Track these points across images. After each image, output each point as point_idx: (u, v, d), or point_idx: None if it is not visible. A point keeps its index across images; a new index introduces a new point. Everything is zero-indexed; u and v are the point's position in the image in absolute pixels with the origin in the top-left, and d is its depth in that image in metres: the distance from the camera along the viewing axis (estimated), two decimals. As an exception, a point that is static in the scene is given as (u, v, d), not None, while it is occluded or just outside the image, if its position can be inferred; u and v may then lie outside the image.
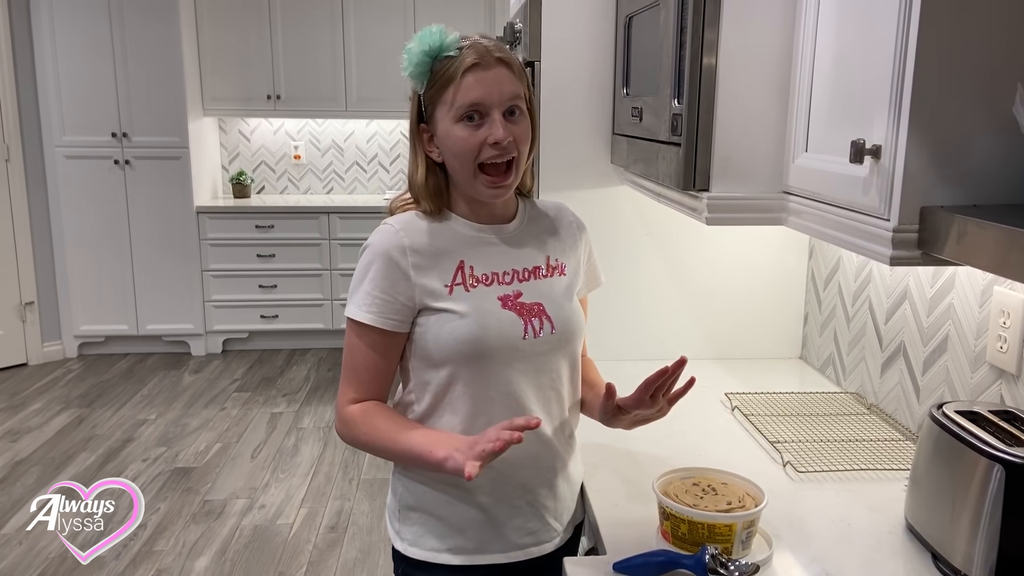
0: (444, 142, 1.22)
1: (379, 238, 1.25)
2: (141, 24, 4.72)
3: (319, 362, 5.05)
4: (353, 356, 1.27)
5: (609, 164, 1.98)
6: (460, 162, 1.22)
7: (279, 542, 3.02)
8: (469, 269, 1.25)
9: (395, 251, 1.22)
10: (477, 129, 1.19)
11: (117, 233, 4.93)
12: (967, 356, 1.44)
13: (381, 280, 1.22)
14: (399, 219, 1.27)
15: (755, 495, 1.21)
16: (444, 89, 1.20)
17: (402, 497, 1.32)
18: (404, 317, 1.24)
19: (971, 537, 1.07)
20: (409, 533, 1.31)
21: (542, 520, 1.31)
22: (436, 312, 1.23)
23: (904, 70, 0.99)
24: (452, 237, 1.26)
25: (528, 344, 1.25)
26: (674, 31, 1.42)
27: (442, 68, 1.20)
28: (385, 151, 5.56)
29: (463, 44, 1.21)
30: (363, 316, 1.23)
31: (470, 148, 1.20)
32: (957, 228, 0.93)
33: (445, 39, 1.21)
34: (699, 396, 1.83)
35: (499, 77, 1.20)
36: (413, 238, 1.24)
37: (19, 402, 4.34)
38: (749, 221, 1.40)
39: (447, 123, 1.21)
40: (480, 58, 1.19)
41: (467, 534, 1.28)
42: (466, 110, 1.19)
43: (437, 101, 1.21)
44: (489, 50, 1.21)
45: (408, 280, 1.22)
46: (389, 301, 1.22)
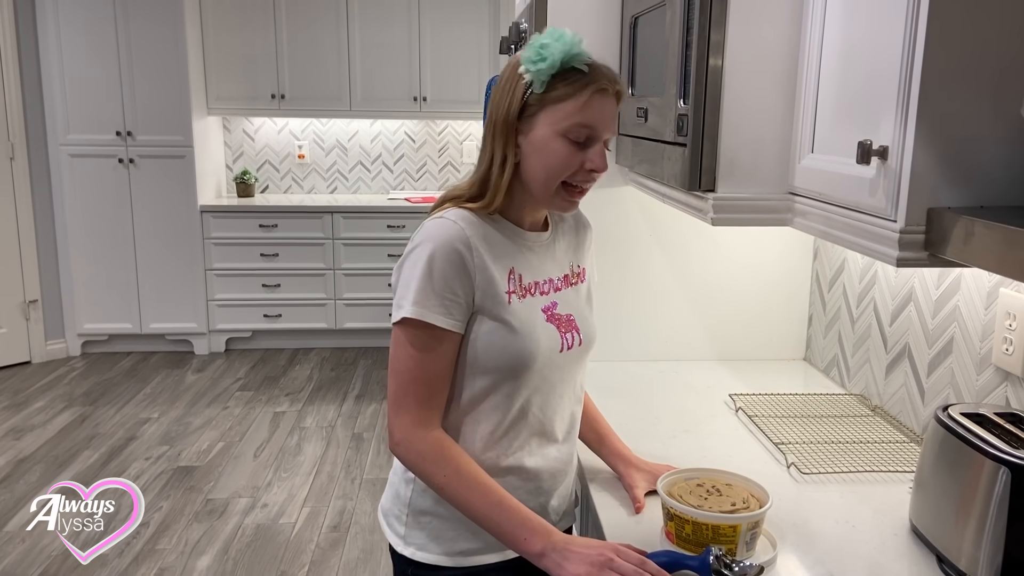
0: (539, 149, 1.18)
1: (439, 231, 1.16)
2: (146, 23, 4.73)
3: (322, 361, 5.05)
4: (420, 365, 1.16)
5: (614, 164, 1.98)
6: (549, 174, 1.18)
7: (281, 541, 3.02)
8: (519, 277, 1.22)
9: (461, 245, 1.16)
10: (579, 150, 1.17)
11: (121, 232, 4.94)
12: (972, 358, 1.44)
13: (450, 277, 1.15)
14: (455, 213, 1.19)
15: (759, 496, 1.20)
16: (563, 100, 1.15)
17: (412, 501, 1.29)
18: (465, 317, 1.18)
19: (976, 539, 1.07)
20: (419, 537, 1.28)
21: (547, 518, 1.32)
22: (492, 320, 1.18)
23: (911, 71, 0.99)
24: (502, 240, 1.22)
25: (562, 358, 1.25)
26: (680, 31, 1.42)
27: (569, 78, 1.15)
28: (389, 151, 5.56)
29: (591, 61, 1.18)
30: (437, 319, 1.14)
31: (568, 166, 1.17)
32: (964, 229, 0.93)
33: (583, 50, 1.16)
34: (703, 397, 1.84)
35: (612, 109, 1.19)
36: (476, 237, 1.18)
37: (22, 400, 4.34)
38: (755, 222, 1.40)
39: (549, 132, 1.16)
40: (608, 85, 1.17)
41: (480, 535, 1.25)
42: (580, 132, 1.16)
43: (548, 106, 1.16)
44: (613, 80, 1.18)
45: (472, 279, 1.16)
46: (456, 300, 1.16)
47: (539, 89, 1.16)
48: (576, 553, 1.09)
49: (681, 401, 1.83)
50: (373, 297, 5.14)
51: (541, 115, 1.17)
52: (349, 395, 4.50)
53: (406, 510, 1.30)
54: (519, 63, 1.19)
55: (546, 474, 1.30)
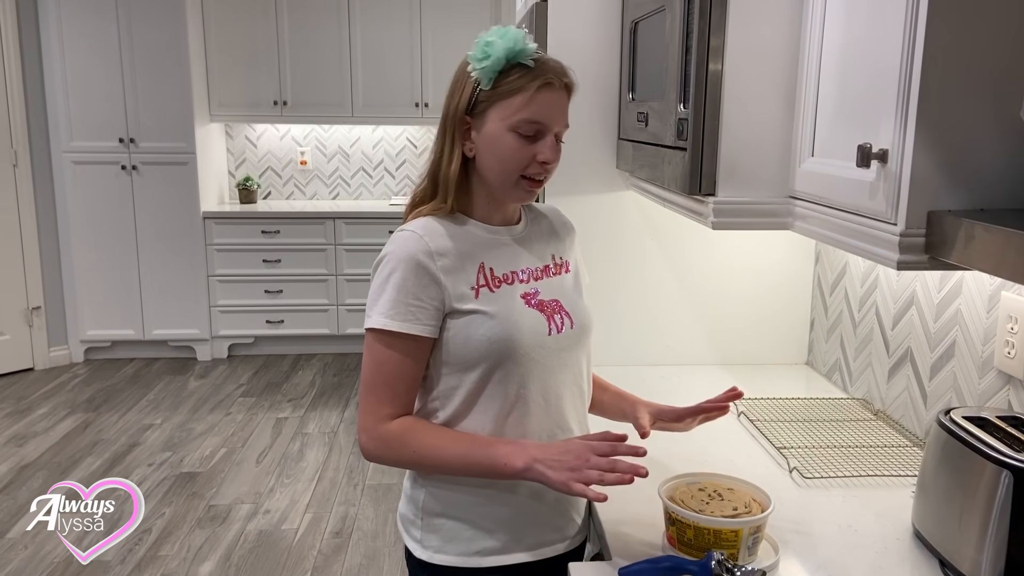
0: (491, 144, 1.22)
1: (402, 245, 1.22)
2: (148, 30, 4.75)
3: (324, 367, 5.05)
4: (383, 368, 1.22)
5: (615, 169, 1.98)
6: (503, 167, 1.22)
7: (284, 547, 3.02)
8: (489, 271, 1.25)
9: (423, 256, 1.21)
10: (530, 144, 1.21)
11: (124, 238, 4.95)
12: (974, 362, 1.43)
13: (412, 286, 1.20)
14: (418, 224, 1.25)
15: (761, 501, 1.20)
16: (511, 95, 1.19)
17: (425, 504, 1.29)
18: (436, 322, 1.22)
19: (979, 543, 1.06)
20: (435, 540, 1.29)
21: (566, 516, 1.32)
22: (465, 315, 1.22)
23: (911, 74, 0.99)
24: (470, 239, 1.26)
25: (553, 341, 1.26)
26: (680, 36, 1.43)
27: (515, 74, 1.20)
28: (391, 157, 5.57)
29: (537, 56, 1.21)
30: (395, 325, 1.20)
31: (520, 160, 1.21)
32: (965, 232, 0.93)
33: (527, 45, 1.20)
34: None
35: (562, 102, 1.23)
36: (437, 242, 1.22)
37: (25, 407, 4.35)
38: (755, 226, 1.40)
39: (500, 127, 1.21)
40: (556, 78, 1.21)
41: (496, 535, 1.27)
42: (528, 126, 1.20)
43: (496, 102, 1.20)
44: (561, 73, 1.22)
45: (438, 284, 1.21)
46: (422, 307, 1.20)
47: (486, 86, 1.21)
48: (557, 461, 1.13)
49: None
50: (375, 303, 5.14)
51: (491, 111, 1.21)
52: (351, 401, 4.50)
53: (420, 514, 1.30)
54: (468, 60, 1.23)
55: None
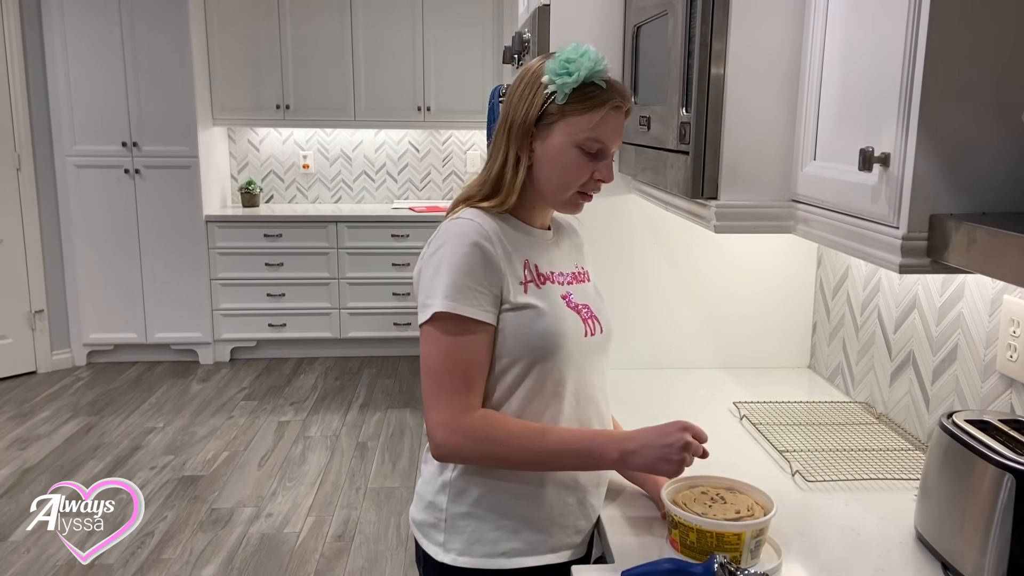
0: (553, 155, 1.24)
1: (464, 230, 1.21)
2: (151, 34, 4.76)
3: (326, 371, 5.05)
4: (455, 356, 1.18)
5: (617, 172, 1.98)
6: (562, 180, 1.25)
7: (286, 551, 3.02)
8: (535, 267, 1.27)
9: (482, 239, 1.20)
10: (591, 161, 1.24)
11: (126, 242, 4.96)
12: (977, 365, 1.43)
13: (475, 270, 1.19)
14: (471, 213, 1.25)
15: (764, 504, 1.20)
16: (582, 112, 1.22)
17: (450, 508, 1.28)
18: (496, 310, 1.21)
19: (981, 547, 1.06)
20: (459, 542, 1.27)
21: (588, 519, 1.32)
22: (517, 308, 1.22)
23: (912, 78, 1.00)
24: (516, 236, 1.28)
25: (587, 343, 1.29)
26: (682, 41, 1.43)
27: (589, 92, 1.22)
28: (393, 160, 5.58)
29: (609, 77, 1.24)
30: (462, 309, 1.17)
31: (580, 176, 1.25)
32: (967, 236, 0.93)
33: (605, 66, 1.23)
34: (707, 405, 1.84)
35: (623, 123, 1.27)
36: (493, 231, 1.23)
37: (28, 410, 4.35)
38: (757, 229, 1.40)
39: (565, 141, 1.23)
40: (623, 103, 1.25)
41: (522, 535, 1.27)
42: (594, 145, 1.23)
43: (566, 117, 1.22)
44: (627, 97, 1.26)
45: (498, 271, 1.21)
46: (483, 293, 1.19)
47: (561, 100, 1.22)
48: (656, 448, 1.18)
49: (685, 409, 1.83)
50: (378, 306, 5.15)
51: (559, 124, 1.23)
52: (354, 404, 4.50)
53: (443, 516, 1.29)
54: (542, 72, 1.23)
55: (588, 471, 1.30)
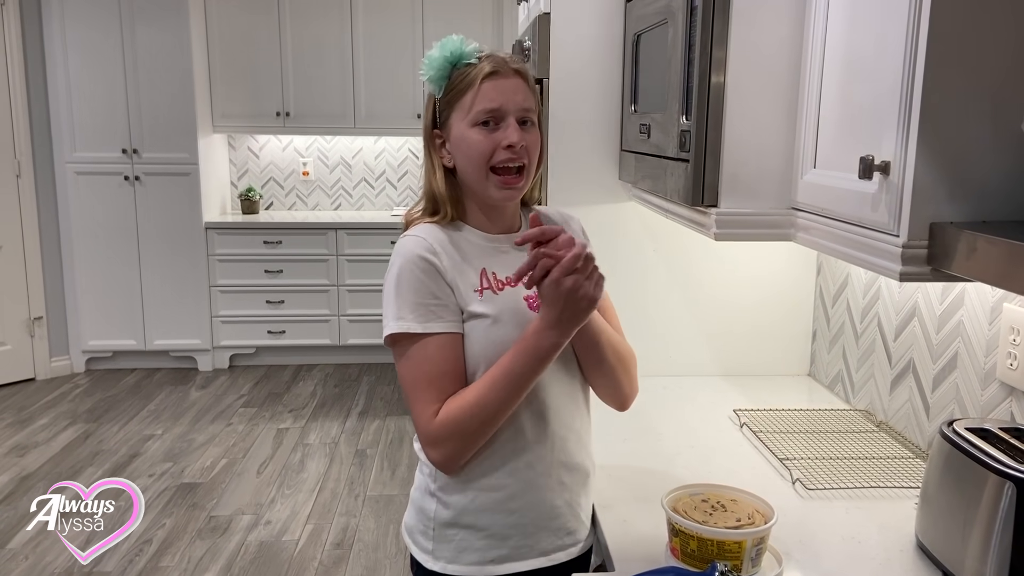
0: (458, 146, 1.25)
1: (407, 247, 1.24)
2: (152, 41, 4.77)
3: (326, 378, 5.05)
4: (421, 369, 1.21)
5: (617, 180, 1.99)
6: (473, 164, 1.24)
7: (284, 558, 3.01)
8: (492, 275, 1.26)
9: (427, 253, 1.22)
10: (492, 133, 1.23)
11: (126, 249, 4.96)
12: (977, 373, 1.43)
13: (424, 283, 1.21)
14: (418, 229, 1.27)
15: (765, 512, 1.20)
16: (462, 95, 1.24)
17: (437, 514, 1.29)
18: (457, 317, 1.23)
19: (982, 555, 1.06)
20: (447, 550, 1.28)
21: (578, 518, 1.32)
22: (472, 317, 1.23)
23: (912, 86, 1.00)
24: (470, 247, 1.28)
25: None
26: (682, 49, 1.43)
27: (461, 75, 1.24)
28: (393, 168, 5.59)
29: (481, 54, 1.26)
30: (417, 327, 1.20)
31: (485, 150, 1.23)
32: (967, 244, 0.93)
33: (465, 47, 1.25)
34: (708, 413, 1.84)
35: (515, 86, 1.25)
36: (439, 244, 1.25)
37: (26, 417, 4.34)
38: (757, 237, 1.40)
39: (462, 127, 1.24)
40: (498, 67, 1.24)
41: (509, 541, 1.26)
42: (483, 115, 1.23)
43: (454, 106, 1.25)
44: (506, 60, 1.26)
45: (445, 280, 1.22)
46: (441, 304, 1.21)
47: (438, 94, 1.27)
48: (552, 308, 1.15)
49: (685, 417, 1.83)
50: (377, 313, 5.07)
51: (452, 116, 1.26)
52: (353, 411, 4.49)
53: (432, 524, 1.30)
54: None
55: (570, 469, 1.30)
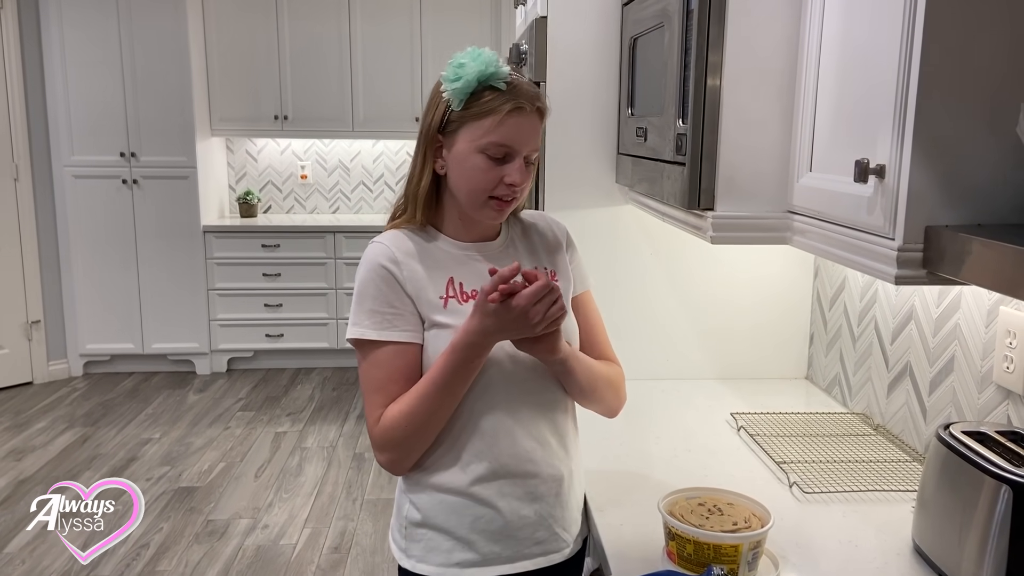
0: (459, 163, 1.23)
1: (370, 255, 1.26)
2: (150, 45, 4.77)
3: (324, 381, 5.04)
4: (372, 375, 1.24)
5: (614, 183, 1.99)
6: (471, 187, 1.24)
7: (282, 562, 3.01)
8: (459, 285, 1.27)
9: (388, 262, 1.24)
10: (498, 166, 1.22)
11: (124, 252, 4.96)
12: (973, 376, 1.43)
13: (384, 293, 1.23)
14: (386, 235, 1.29)
15: (761, 516, 1.20)
16: (482, 117, 1.20)
17: (408, 513, 1.31)
18: (414, 327, 1.24)
19: (979, 559, 1.06)
20: (417, 549, 1.30)
21: (550, 530, 1.31)
22: (435, 327, 1.23)
23: (907, 90, 1.00)
24: (439, 255, 1.28)
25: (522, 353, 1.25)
26: (678, 52, 1.44)
27: (486, 97, 1.20)
28: (391, 171, 5.59)
29: (510, 79, 1.22)
30: (372, 334, 1.22)
31: (487, 182, 1.22)
32: (962, 247, 0.93)
33: (499, 68, 1.21)
34: (705, 416, 1.84)
35: (533, 127, 1.23)
36: (403, 251, 1.26)
37: (24, 421, 4.34)
38: (754, 240, 1.40)
39: (469, 148, 1.22)
40: (526, 103, 1.21)
41: (476, 546, 1.27)
42: (496, 149, 1.21)
43: (467, 123, 1.21)
44: (533, 98, 1.23)
45: (404, 290, 1.23)
46: (397, 313, 1.23)
47: (457, 107, 1.22)
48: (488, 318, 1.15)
49: (682, 420, 1.83)
50: (375, 317, 5.14)
51: (461, 131, 1.22)
52: (351, 415, 4.49)
53: (404, 523, 1.32)
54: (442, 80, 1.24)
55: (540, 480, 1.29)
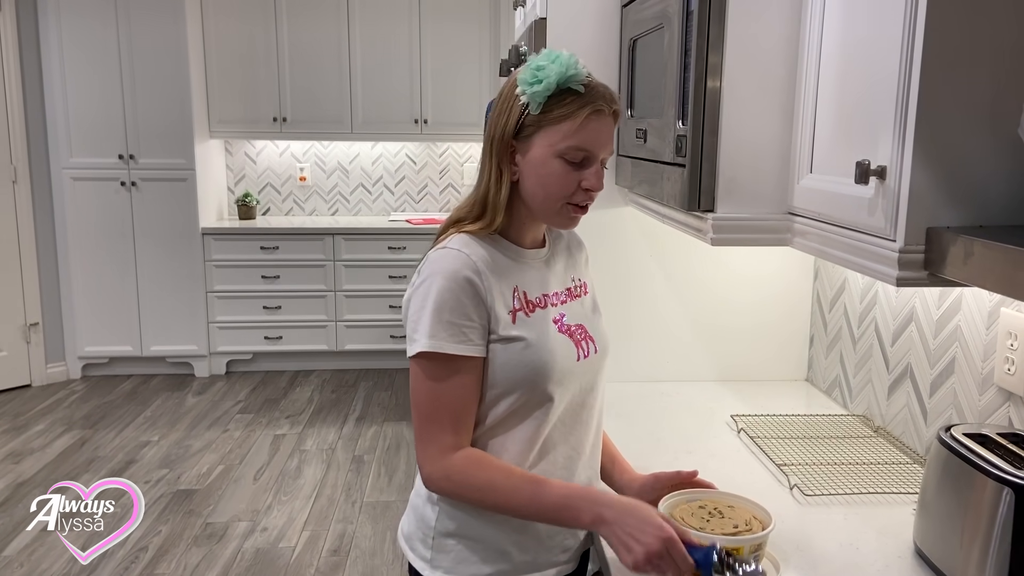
0: (536, 168, 1.19)
1: (450, 263, 1.18)
2: (149, 47, 4.76)
3: (322, 384, 5.03)
4: (442, 395, 1.17)
5: (614, 185, 1.99)
6: (548, 193, 1.20)
7: (281, 565, 3.00)
8: (523, 294, 1.23)
9: (472, 273, 1.17)
10: (576, 170, 1.18)
11: (122, 255, 4.95)
12: (974, 378, 1.43)
13: (462, 304, 1.16)
14: (459, 242, 1.21)
15: (762, 518, 1.19)
16: (560, 121, 1.16)
17: (439, 523, 1.26)
18: (484, 340, 1.18)
19: (980, 561, 1.06)
20: (446, 560, 1.26)
21: (576, 537, 1.31)
22: (505, 341, 1.19)
23: (908, 91, 1.00)
24: (505, 262, 1.23)
25: (580, 367, 1.25)
26: (678, 54, 1.43)
27: (565, 99, 1.17)
28: (390, 173, 5.59)
29: (588, 81, 1.18)
30: (449, 347, 1.15)
31: (566, 186, 1.19)
32: (963, 249, 0.93)
33: (579, 70, 1.17)
34: (705, 418, 1.83)
35: (609, 129, 1.20)
36: (481, 261, 1.19)
37: (22, 423, 4.33)
38: (754, 242, 1.40)
39: (546, 152, 1.18)
40: (606, 105, 1.18)
41: (508, 558, 1.24)
42: (576, 152, 1.18)
43: (544, 127, 1.18)
44: (610, 100, 1.19)
45: (485, 304, 1.18)
46: (472, 326, 1.17)
47: (535, 110, 1.18)
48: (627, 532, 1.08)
49: (683, 422, 1.82)
50: (374, 319, 5.14)
51: (538, 135, 1.18)
52: (350, 417, 4.48)
53: (432, 533, 1.28)
54: (517, 83, 1.20)
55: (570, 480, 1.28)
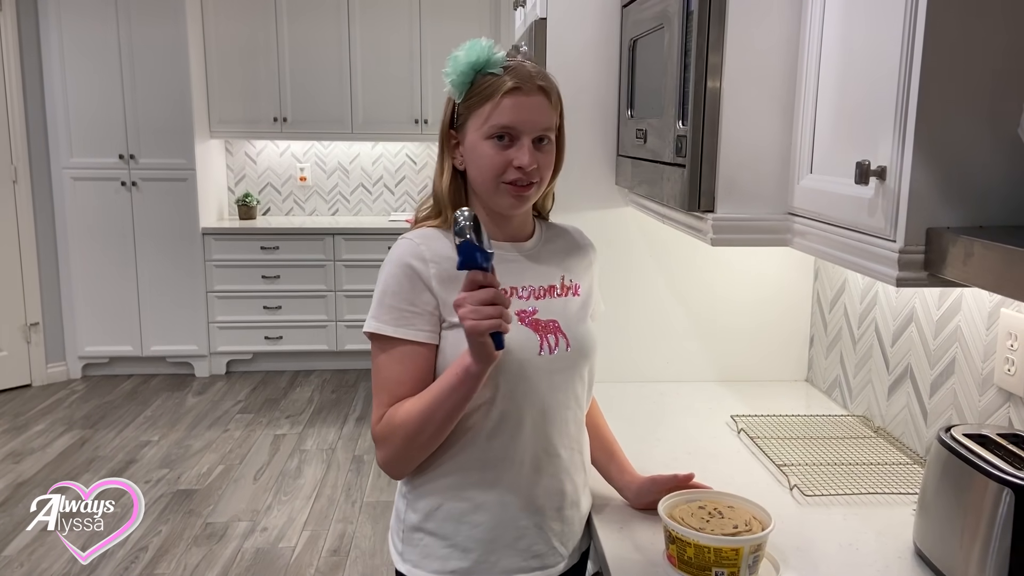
0: (471, 153, 1.24)
1: (399, 250, 1.25)
2: (149, 47, 4.77)
3: (323, 384, 5.04)
4: (383, 373, 1.23)
5: (614, 185, 1.99)
6: (483, 176, 1.24)
7: (281, 565, 3.00)
8: None
9: (416, 261, 1.22)
10: (505, 150, 1.22)
11: (123, 254, 4.95)
12: (975, 379, 1.43)
13: (405, 291, 1.21)
14: (418, 233, 1.27)
15: (762, 519, 1.19)
16: (481, 104, 1.22)
17: (407, 517, 1.30)
18: (432, 327, 1.22)
19: (980, 562, 1.06)
20: (413, 554, 1.29)
21: (548, 543, 1.29)
22: (454, 327, 1.20)
23: (908, 91, 1.00)
24: None
25: (544, 361, 1.24)
26: (678, 54, 1.43)
27: (483, 83, 1.22)
28: (390, 173, 5.59)
29: (508, 63, 1.23)
30: (388, 329, 1.21)
31: (495, 166, 1.22)
32: (963, 249, 0.93)
33: (492, 55, 1.22)
34: (705, 419, 1.83)
35: (536, 105, 1.22)
36: (432, 249, 1.23)
37: (22, 423, 4.33)
38: (754, 242, 1.40)
39: (477, 136, 1.23)
40: (522, 83, 1.21)
41: (471, 555, 1.26)
42: (498, 131, 1.21)
43: (472, 113, 1.23)
44: (531, 76, 1.23)
45: (430, 290, 1.21)
46: (416, 312, 1.21)
47: (459, 99, 1.24)
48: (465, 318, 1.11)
49: (682, 423, 1.82)
50: (374, 319, 5.13)
51: (469, 122, 1.24)
52: (350, 417, 4.48)
53: (401, 526, 1.32)
54: None
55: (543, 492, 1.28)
